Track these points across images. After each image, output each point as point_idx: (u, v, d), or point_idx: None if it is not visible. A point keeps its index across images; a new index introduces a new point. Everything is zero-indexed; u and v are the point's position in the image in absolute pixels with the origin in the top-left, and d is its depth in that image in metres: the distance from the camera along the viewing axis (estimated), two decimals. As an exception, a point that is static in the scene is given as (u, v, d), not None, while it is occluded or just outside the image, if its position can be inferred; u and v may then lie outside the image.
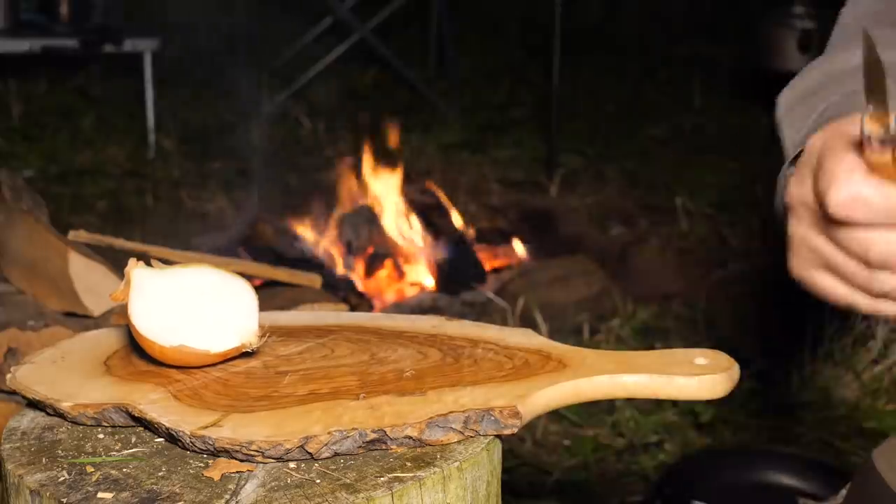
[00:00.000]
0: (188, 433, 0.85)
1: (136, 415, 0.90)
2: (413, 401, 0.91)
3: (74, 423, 0.93)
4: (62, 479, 0.84)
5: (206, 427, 0.86)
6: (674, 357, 0.97)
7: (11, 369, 0.98)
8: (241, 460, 0.85)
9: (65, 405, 0.91)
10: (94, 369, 0.99)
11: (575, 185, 4.45)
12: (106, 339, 1.07)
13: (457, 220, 3.75)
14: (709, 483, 2.24)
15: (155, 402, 0.91)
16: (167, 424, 0.87)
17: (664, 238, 3.93)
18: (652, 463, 2.55)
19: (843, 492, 1.32)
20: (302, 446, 0.84)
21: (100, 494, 0.81)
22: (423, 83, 5.41)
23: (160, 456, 0.88)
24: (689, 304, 3.39)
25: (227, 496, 0.81)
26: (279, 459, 0.85)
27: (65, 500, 0.80)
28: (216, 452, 0.85)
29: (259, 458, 0.84)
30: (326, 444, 0.84)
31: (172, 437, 0.87)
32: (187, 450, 0.87)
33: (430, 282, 3.48)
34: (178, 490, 0.82)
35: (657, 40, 6.32)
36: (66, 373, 0.98)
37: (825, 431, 2.60)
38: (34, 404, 0.95)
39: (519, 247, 3.78)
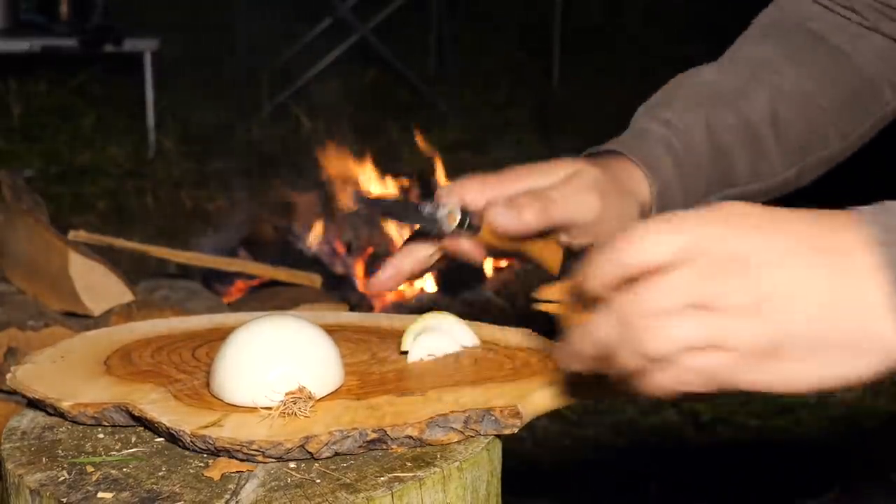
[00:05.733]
0: (188, 433, 0.85)
1: (137, 414, 0.90)
2: (413, 401, 0.91)
3: (74, 422, 0.92)
4: (62, 478, 0.84)
5: (207, 427, 0.86)
6: (674, 357, 0.97)
7: (11, 369, 0.98)
8: (242, 460, 0.85)
9: (65, 405, 0.91)
10: (94, 369, 0.99)
11: (575, 185, 4.44)
12: (106, 339, 1.07)
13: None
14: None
15: (155, 402, 0.91)
16: (167, 424, 0.87)
17: (664, 238, 3.92)
18: (653, 462, 2.55)
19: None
20: (302, 446, 0.84)
21: (100, 494, 0.81)
22: (423, 83, 5.41)
23: (160, 456, 0.87)
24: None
25: (227, 496, 0.81)
26: (279, 459, 0.85)
27: (65, 500, 0.80)
28: (216, 452, 0.85)
29: (259, 458, 0.84)
30: (327, 444, 0.84)
31: (172, 437, 0.87)
32: (187, 449, 0.87)
33: (429, 282, 3.47)
34: (178, 490, 0.82)
35: (657, 40, 6.32)
36: (66, 372, 0.98)
37: (825, 431, 2.60)
38: (34, 404, 0.95)
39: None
